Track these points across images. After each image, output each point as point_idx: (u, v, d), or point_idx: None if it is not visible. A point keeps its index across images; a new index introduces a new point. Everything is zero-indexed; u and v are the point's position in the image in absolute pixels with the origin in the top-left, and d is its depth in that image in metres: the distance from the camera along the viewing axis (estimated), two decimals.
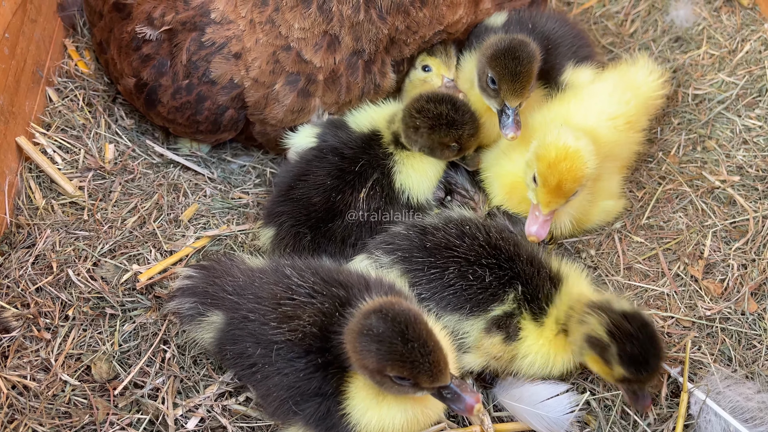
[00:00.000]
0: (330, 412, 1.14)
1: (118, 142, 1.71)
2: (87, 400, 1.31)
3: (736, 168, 1.69)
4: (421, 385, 1.06)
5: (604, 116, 1.51)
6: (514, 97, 1.40)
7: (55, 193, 1.60)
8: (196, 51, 1.50)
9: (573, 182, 1.34)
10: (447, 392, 1.09)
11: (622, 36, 2.01)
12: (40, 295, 1.43)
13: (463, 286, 1.28)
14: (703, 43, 1.95)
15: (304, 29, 1.42)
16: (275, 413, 1.21)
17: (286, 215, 1.44)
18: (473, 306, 1.28)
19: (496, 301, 1.28)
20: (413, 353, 1.03)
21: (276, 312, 1.18)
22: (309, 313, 1.17)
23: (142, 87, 1.57)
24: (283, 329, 1.16)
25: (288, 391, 1.16)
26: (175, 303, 1.30)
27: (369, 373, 1.08)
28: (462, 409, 1.09)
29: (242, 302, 1.23)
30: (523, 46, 1.40)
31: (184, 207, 1.62)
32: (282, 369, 1.16)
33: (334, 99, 1.53)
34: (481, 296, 1.28)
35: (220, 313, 1.25)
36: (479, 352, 1.29)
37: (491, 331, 1.28)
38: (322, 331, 1.16)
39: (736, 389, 1.34)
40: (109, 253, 1.51)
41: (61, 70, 1.80)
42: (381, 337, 1.03)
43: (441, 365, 1.05)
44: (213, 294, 1.27)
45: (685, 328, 1.47)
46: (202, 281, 1.30)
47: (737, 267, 1.53)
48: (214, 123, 1.56)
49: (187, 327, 1.31)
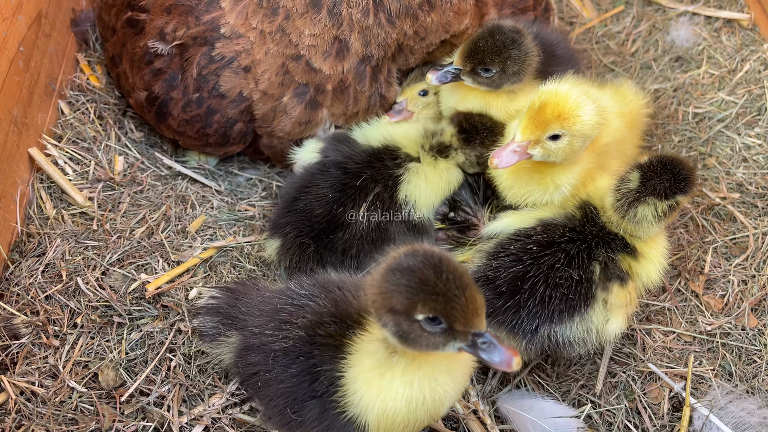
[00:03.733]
0: (326, 410, 1.09)
1: (128, 154, 1.73)
2: (93, 406, 1.32)
3: (736, 185, 1.71)
4: (455, 328, 0.93)
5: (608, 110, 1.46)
6: (458, 55, 1.44)
7: (65, 204, 1.62)
8: (206, 65, 1.52)
9: (555, 116, 1.26)
10: (483, 341, 0.95)
11: (623, 55, 2.04)
12: (49, 303, 1.45)
13: (560, 292, 1.28)
14: (703, 63, 1.98)
15: (314, 35, 1.45)
16: (281, 425, 1.19)
17: (290, 226, 1.45)
18: (581, 302, 1.28)
19: (595, 284, 1.29)
20: (449, 286, 0.90)
21: (274, 320, 1.18)
22: (300, 316, 1.15)
23: (154, 100, 1.59)
24: (278, 336, 1.15)
25: (285, 398, 1.13)
26: (199, 321, 1.32)
27: (395, 318, 0.95)
28: (500, 362, 0.95)
29: (250, 319, 1.24)
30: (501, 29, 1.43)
31: (192, 218, 1.64)
32: (278, 376, 1.14)
33: (342, 110, 1.55)
34: (580, 288, 1.28)
35: (237, 333, 1.26)
36: (616, 312, 1.30)
37: (606, 292, 1.29)
38: (308, 332, 1.12)
39: (738, 404, 1.35)
40: (118, 263, 1.52)
41: (73, 84, 1.82)
42: (413, 269, 0.91)
43: (478, 304, 0.93)
44: (233, 315, 1.28)
45: (687, 343, 1.48)
46: (226, 302, 1.31)
47: (737, 283, 1.54)
48: (223, 136, 1.59)
49: (208, 345, 1.32)
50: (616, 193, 1.31)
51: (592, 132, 1.31)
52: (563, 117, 1.27)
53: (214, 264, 1.56)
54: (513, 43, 1.42)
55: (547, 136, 1.29)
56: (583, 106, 1.28)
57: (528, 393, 1.39)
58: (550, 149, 1.30)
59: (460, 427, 1.35)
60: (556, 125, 1.27)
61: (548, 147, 1.30)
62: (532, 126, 1.28)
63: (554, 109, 1.27)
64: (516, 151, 1.30)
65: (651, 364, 1.43)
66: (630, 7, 2.15)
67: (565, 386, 1.42)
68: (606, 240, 1.33)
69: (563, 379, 1.44)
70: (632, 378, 1.43)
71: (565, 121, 1.27)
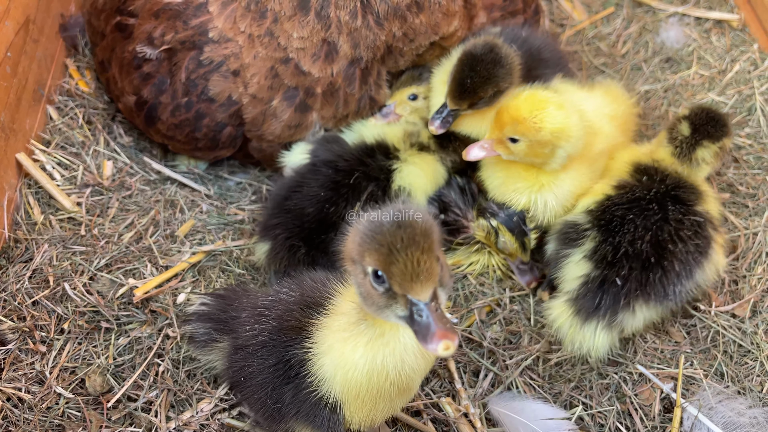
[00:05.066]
0: (299, 391, 1.08)
1: (117, 159, 1.72)
2: (80, 412, 1.31)
3: (727, 185, 1.71)
4: (393, 289, 0.88)
5: (601, 114, 1.52)
6: (449, 99, 1.43)
7: (53, 209, 1.61)
8: (195, 69, 1.52)
9: (510, 121, 1.33)
10: (418, 312, 0.87)
11: (614, 56, 2.04)
12: (36, 309, 1.44)
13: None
14: (693, 64, 1.98)
15: (302, 38, 1.44)
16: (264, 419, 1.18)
17: (280, 227, 1.44)
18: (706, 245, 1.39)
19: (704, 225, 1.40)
20: (394, 240, 0.86)
21: (252, 315, 1.18)
22: (273, 308, 1.15)
23: (143, 105, 1.59)
24: (255, 330, 1.15)
25: (264, 389, 1.12)
26: (191, 327, 1.32)
27: (353, 268, 0.94)
28: (427, 339, 0.85)
29: (239, 322, 1.23)
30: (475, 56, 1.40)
31: (181, 223, 1.63)
32: (258, 370, 1.13)
33: (332, 113, 1.54)
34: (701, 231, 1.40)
35: (228, 338, 1.26)
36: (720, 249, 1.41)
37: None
38: (279, 322, 1.12)
39: (728, 405, 1.34)
40: (106, 268, 1.51)
41: (62, 89, 1.82)
42: (374, 219, 0.89)
43: (420, 267, 0.86)
44: (224, 320, 1.27)
45: (677, 343, 1.47)
46: (216, 308, 1.30)
47: (729, 283, 1.54)
48: (213, 140, 1.58)
49: (199, 352, 1.32)
50: (672, 142, 1.46)
51: (556, 141, 1.34)
52: (517, 122, 1.34)
53: (202, 268, 1.55)
54: (496, 65, 1.40)
55: (506, 137, 1.37)
56: (543, 114, 1.32)
57: (519, 395, 1.38)
58: (512, 150, 1.38)
59: (451, 431, 1.35)
60: (510, 129, 1.35)
61: (510, 148, 1.38)
62: (494, 126, 1.38)
63: (510, 114, 1.35)
64: (484, 147, 1.40)
65: (640, 365, 1.43)
66: (620, 9, 2.15)
67: (557, 387, 1.42)
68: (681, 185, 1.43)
69: (555, 379, 1.43)
70: (623, 379, 1.42)
71: (519, 126, 1.34)
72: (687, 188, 1.43)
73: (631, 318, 1.36)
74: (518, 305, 1.54)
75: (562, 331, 1.39)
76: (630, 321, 1.36)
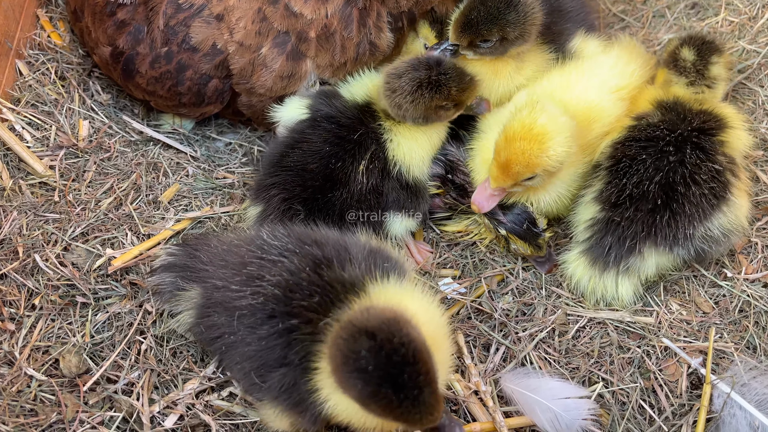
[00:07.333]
0: (297, 384, 1.05)
1: (93, 118, 1.64)
2: (54, 396, 1.24)
3: (760, 142, 1.62)
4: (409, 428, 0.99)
5: (605, 89, 1.46)
6: (451, 31, 1.40)
7: (23, 173, 1.53)
8: (174, 14, 1.42)
9: (523, 167, 1.28)
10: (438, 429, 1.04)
11: (634, 3, 1.95)
12: (4, 283, 1.36)
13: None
14: (721, 10, 1.90)
15: None
16: (247, 389, 1.16)
17: (277, 187, 1.35)
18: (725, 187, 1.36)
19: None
20: (404, 403, 0.92)
21: (240, 273, 1.12)
22: (273, 272, 1.10)
23: (119, 56, 1.50)
24: (245, 292, 1.10)
25: (250, 361, 1.08)
26: (156, 278, 1.28)
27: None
28: None
29: (212, 270, 1.19)
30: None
31: (164, 187, 1.56)
32: (245, 338, 1.09)
33: (328, 60, 1.45)
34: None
35: (197, 287, 1.20)
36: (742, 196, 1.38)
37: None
38: (285, 292, 1.08)
39: (762, 380, 1.28)
40: (81, 237, 1.44)
41: (32, 42, 1.72)
42: (370, 375, 0.92)
43: (433, 411, 0.95)
44: (192, 267, 1.23)
45: (705, 314, 1.41)
46: (183, 256, 1.27)
47: (761, 248, 1.47)
48: (198, 94, 1.50)
49: (167, 304, 1.27)
50: (683, 73, 1.45)
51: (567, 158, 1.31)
52: (530, 168, 1.29)
53: (187, 237, 1.47)
54: (508, 7, 1.35)
55: (521, 181, 1.32)
56: (550, 143, 1.28)
57: (534, 371, 1.33)
58: (528, 185, 1.35)
59: (460, 410, 1.28)
60: (527, 173, 1.30)
61: (526, 184, 1.35)
62: (503, 177, 1.31)
63: (520, 162, 1.28)
64: (494, 195, 1.36)
65: (665, 338, 1.36)
66: None
67: (575, 362, 1.36)
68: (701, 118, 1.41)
69: (572, 354, 1.37)
70: (647, 353, 1.36)
71: (535, 168, 1.29)
72: (711, 119, 1.41)
73: (641, 262, 1.35)
74: (532, 274, 1.49)
75: (582, 285, 1.39)
76: (640, 265, 1.35)
